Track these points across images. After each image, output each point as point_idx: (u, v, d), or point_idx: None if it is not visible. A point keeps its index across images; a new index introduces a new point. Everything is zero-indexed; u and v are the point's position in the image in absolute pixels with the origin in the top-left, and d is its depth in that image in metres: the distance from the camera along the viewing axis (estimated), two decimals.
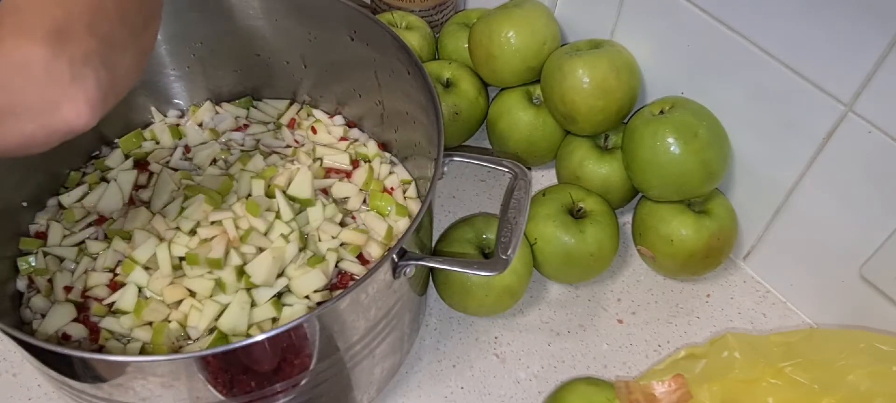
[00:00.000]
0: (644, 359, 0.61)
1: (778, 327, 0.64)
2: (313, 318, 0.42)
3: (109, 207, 0.59)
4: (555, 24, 0.68)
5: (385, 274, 0.45)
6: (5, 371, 0.58)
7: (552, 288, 0.66)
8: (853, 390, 0.50)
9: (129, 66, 0.37)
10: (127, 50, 0.36)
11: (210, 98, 0.68)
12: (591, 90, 0.62)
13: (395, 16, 0.75)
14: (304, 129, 0.67)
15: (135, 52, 0.37)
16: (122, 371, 0.41)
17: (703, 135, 0.58)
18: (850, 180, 0.54)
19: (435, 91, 0.52)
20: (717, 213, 0.61)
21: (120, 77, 0.36)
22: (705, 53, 0.59)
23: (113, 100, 0.35)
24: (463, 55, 0.73)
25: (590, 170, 0.65)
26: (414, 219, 0.46)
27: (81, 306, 0.54)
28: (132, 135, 0.64)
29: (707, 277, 0.67)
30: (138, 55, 0.38)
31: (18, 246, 0.57)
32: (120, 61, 0.35)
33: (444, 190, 0.72)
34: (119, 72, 0.35)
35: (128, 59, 0.36)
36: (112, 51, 0.35)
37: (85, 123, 0.33)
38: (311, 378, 0.46)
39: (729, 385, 0.53)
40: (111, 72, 0.35)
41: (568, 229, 0.61)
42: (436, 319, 0.63)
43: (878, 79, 0.49)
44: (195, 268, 0.54)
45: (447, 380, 0.59)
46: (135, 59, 0.37)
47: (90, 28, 0.33)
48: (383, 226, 0.59)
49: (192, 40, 0.64)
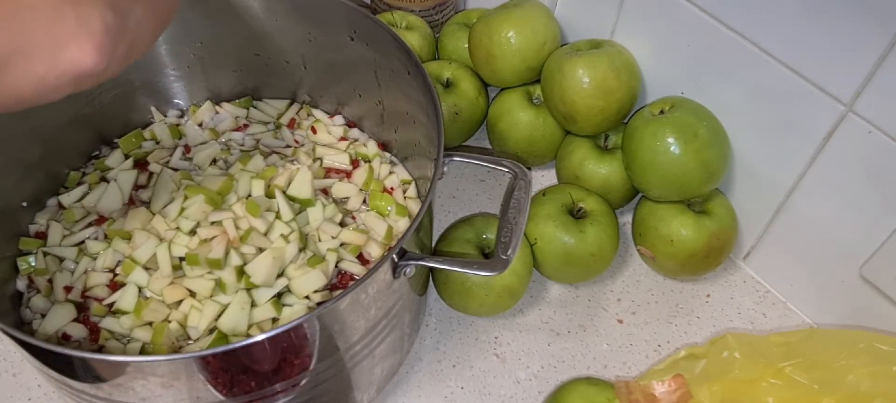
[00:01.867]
0: (644, 359, 0.61)
1: (778, 327, 0.64)
2: (313, 318, 0.42)
3: (109, 207, 0.59)
4: (555, 24, 0.68)
5: (385, 274, 0.45)
6: (5, 371, 0.58)
7: (552, 288, 0.66)
8: (853, 390, 0.50)
9: (141, 17, 0.36)
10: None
11: (210, 98, 0.68)
12: (591, 90, 0.62)
13: (395, 16, 0.75)
14: (304, 129, 0.67)
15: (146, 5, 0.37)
16: (122, 371, 0.41)
17: (703, 135, 0.58)
18: (850, 180, 0.54)
19: (435, 91, 0.52)
20: (717, 213, 0.61)
21: (131, 25, 0.36)
22: (705, 53, 0.59)
23: (124, 50, 0.35)
24: (463, 55, 0.73)
25: (590, 170, 0.65)
26: (414, 219, 0.46)
27: (81, 306, 0.54)
28: (132, 135, 0.64)
29: (707, 277, 0.67)
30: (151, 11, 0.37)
31: (18, 246, 0.57)
32: (131, 9, 0.35)
33: (444, 190, 0.72)
34: (130, 20, 0.35)
35: (139, 10, 0.36)
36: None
37: (92, 65, 0.33)
38: (311, 378, 0.46)
39: (729, 385, 0.53)
40: (120, 16, 0.34)
41: (568, 229, 0.61)
42: (436, 319, 0.63)
43: (878, 80, 0.49)
44: (195, 268, 0.54)
45: (447, 380, 0.59)
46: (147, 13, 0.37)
47: None
48: (383, 226, 0.59)
49: (192, 40, 0.64)
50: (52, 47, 0.33)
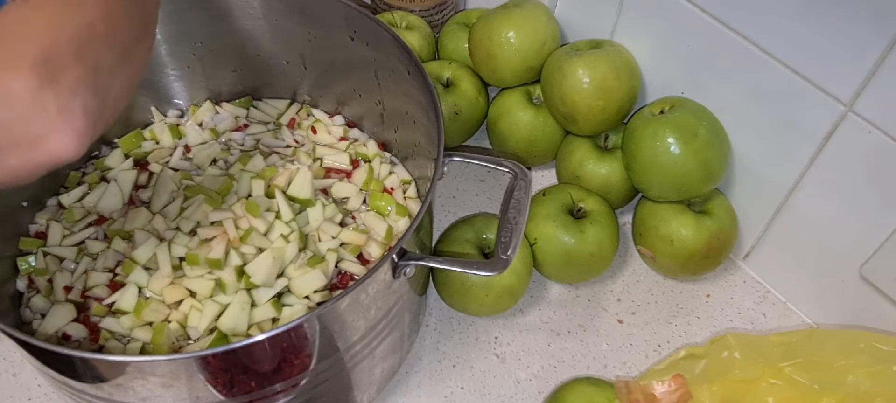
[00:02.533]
0: (644, 359, 0.61)
1: (778, 327, 0.64)
2: (313, 318, 0.42)
3: (109, 207, 0.59)
4: (555, 24, 0.68)
5: (385, 274, 0.45)
6: (5, 371, 0.58)
7: (552, 288, 0.66)
8: (853, 390, 0.50)
9: (121, 88, 0.35)
10: (118, 72, 0.35)
11: (210, 98, 0.68)
12: (591, 90, 0.62)
13: (395, 16, 0.75)
14: (304, 129, 0.67)
15: (127, 71, 0.35)
16: (122, 371, 0.41)
17: (703, 135, 0.58)
18: (850, 180, 0.54)
19: (435, 91, 0.52)
20: (717, 213, 0.61)
21: (111, 101, 0.34)
22: (705, 53, 0.59)
23: (103, 126, 0.34)
24: (463, 55, 0.73)
25: (590, 170, 0.65)
26: (414, 219, 0.46)
27: (81, 306, 0.54)
28: (132, 135, 0.64)
29: (707, 277, 0.67)
30: (131, 74, 0.36)
31: (18, 246, 0.57)
32: (111, 85, 0.34)
33: (444, 190, 0.72)
34: (109, 96, 0.34)
35: (119, 82, 0.35)
36: (102, 76, 0.33)
37: (72, 154, 0.32)
38: (311, 378, 0.46)
39: (729, 385, 0.53)
40: (101, 97, 0.33)
41: (568, 229, 0.61)
42: (436, 319, 0.63)
43: (878, 80, 0.49)
44: (195, 269, 0.54)
45: (447, 380, 0.59)
46: (127, 78, 0.36)
47: (78, 54, 0.32)
48: (383, 226, 0.59)
49: (192, 40, 0.64)
50: (30, 143, 0.31)
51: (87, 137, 0.33)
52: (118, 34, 0.34)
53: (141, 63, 0.37)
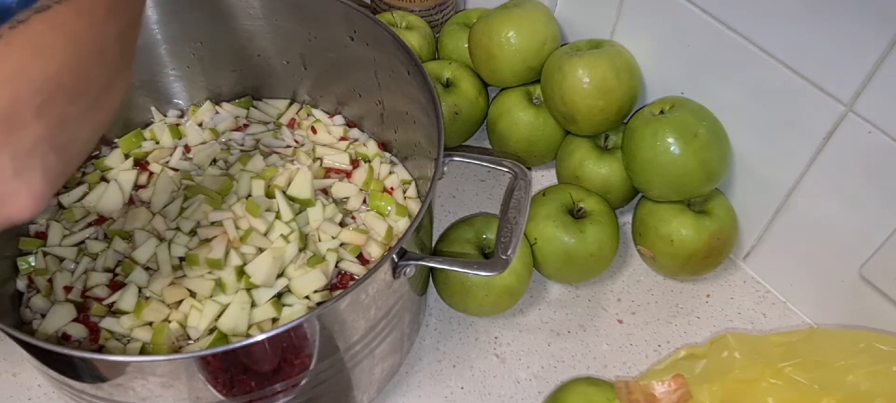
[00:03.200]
0: (644, 359, 0.61)
1: (778, 327, 0.64)
2: (313, 318, 0.42)
3: (109, 207, 0.59)
4: (555, 24, 0.68)
5: (385, 274, 0.45)
6: (5, 371, 0.58)
7: (552, 288, 0.66)
8: (853, 390, 0.50)
9: (86, 137, 0.33)
10: (83, 123, 0.33)
11: (210, 98, 0.68)
12: (591, 90, 0.62)
13: (395, 16, 0.75)
14: (304, 129, 0.67)
15: (94, 119, 0.33)
16: (122, 371, 0.41)
17: (703, 135, 0.58)
18: (850, 180, 0.54)
19: (435, 91, 0.52)
20: (717, 213, 0.61)
21: (74, 153, 0.33)
22: (705, 53, 0.59)
23: (64, 179, 0.33)
24: (463, 55, 0.73)
25: (590, 170, 0.65)
26: (414, 219, 0.46)
27: (81, 306, 0.54)
28: (132, 135, 0.64)
29: (707, 277, 0.67)
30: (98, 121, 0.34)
31: (18, 246, 0.57)
32: (74, 138, 0.32)
33: (444, 190, 0.72)
34: (72, 150, 0.32)
35: (85, 132, 0.33)
36: (65, 130, 0.31)
37: (29, 216, 0.31)
38: (311, 378, 0.46)
39: (729, 385, 0.53)
40: (62, 153, 0.31)
41: (568, 229, 0.61)
42: (436, 319, 0.63)
43: (878, 80, 0.49)
44: (195, 269, 0.54)
45: (447, 380, 0.59)
46: (94, 125, 0.34)
47: (40, 111, 0.30)
48: (383, 226, 0.59)
49: (192, 40, 0.64)
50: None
51: (46, 197, 0.31)
52: (88, 81, 0.33)
53: (111, 105, 0.35)
